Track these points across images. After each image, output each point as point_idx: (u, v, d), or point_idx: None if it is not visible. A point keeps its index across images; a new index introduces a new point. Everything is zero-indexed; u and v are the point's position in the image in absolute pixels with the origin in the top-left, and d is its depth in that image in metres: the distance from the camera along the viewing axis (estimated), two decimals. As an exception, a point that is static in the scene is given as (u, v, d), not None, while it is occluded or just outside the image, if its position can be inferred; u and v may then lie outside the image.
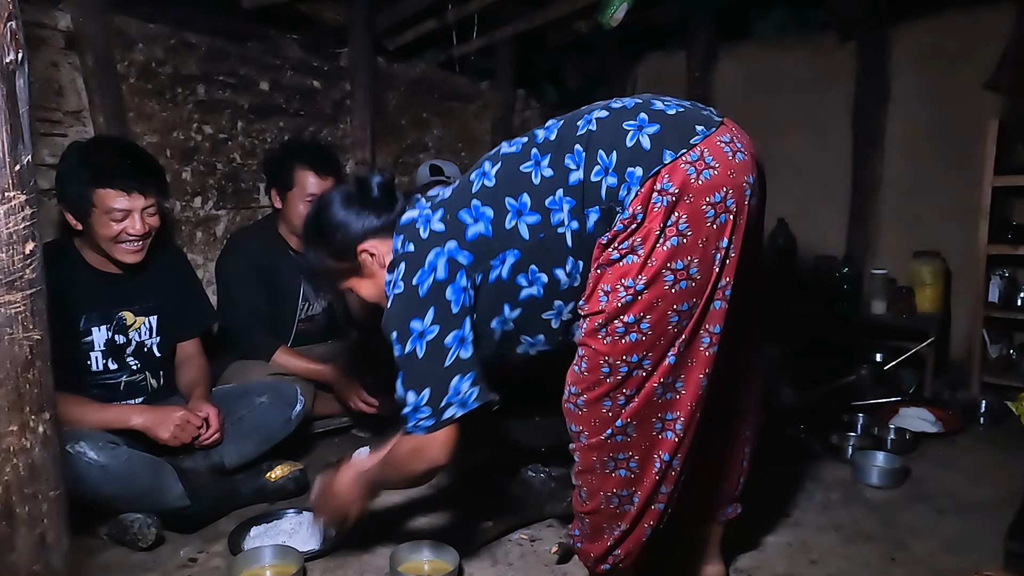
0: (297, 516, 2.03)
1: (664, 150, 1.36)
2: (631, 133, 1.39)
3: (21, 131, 1.10)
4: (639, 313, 1.36)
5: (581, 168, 1.42)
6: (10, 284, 1.11)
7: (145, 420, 2.01)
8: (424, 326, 1.46)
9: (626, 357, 1.39)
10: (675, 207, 1.33)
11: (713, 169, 1.34)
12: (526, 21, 3.48)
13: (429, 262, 1.48)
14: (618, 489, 1.48)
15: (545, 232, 1.45)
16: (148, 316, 2.21)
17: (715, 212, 1.34)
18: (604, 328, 1.39)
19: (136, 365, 2.19)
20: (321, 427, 2.78)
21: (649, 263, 1.35)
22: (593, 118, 1.46)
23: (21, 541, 1.16)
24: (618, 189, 1.38)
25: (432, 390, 1.47)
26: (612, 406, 1.43)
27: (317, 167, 2.66)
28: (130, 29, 2.58)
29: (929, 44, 3.49)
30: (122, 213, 2.00)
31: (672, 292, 1.35)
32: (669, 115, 1.42)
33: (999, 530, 1.93)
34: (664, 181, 1.34)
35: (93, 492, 1.84)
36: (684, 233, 1.34)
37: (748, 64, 4.07)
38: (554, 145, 1.47)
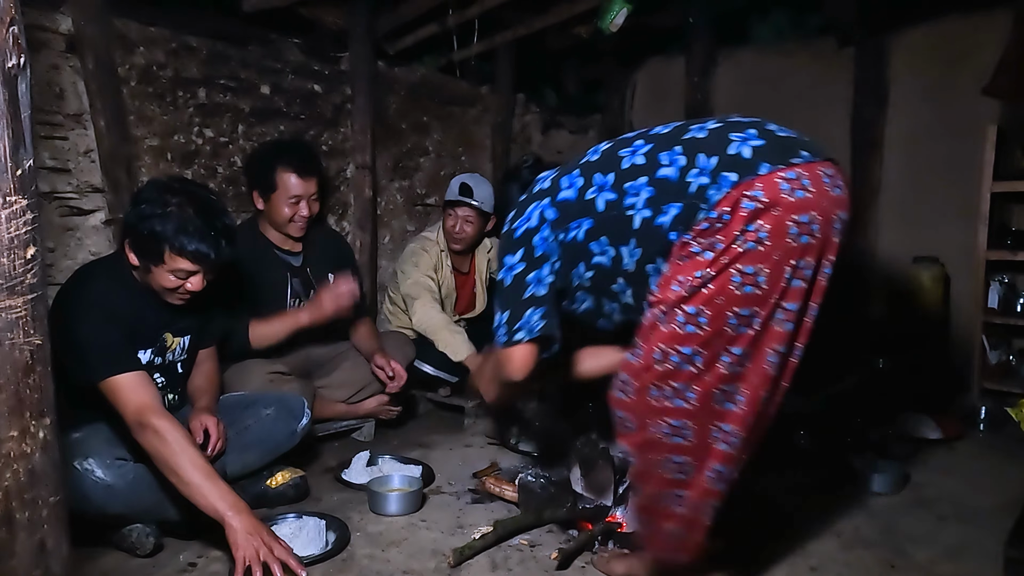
0: (297, 520, 2.03)
1: (762, 162, 1.42)
2: (735, 143, 1.46)
3: (23, 135, 1.10)
4: (699, 305, 1.41)
5: (675, 167, 1.49)
6: (11, 289, 1.10)
7: None
8: (513, 262, 1.67)
9: (678, 347, 1.43)
10: (760, 215, 1.38)
11: (807, 192, 1.39)
12: (526, 26, 3.49)
13: (527, 212, 1.68)
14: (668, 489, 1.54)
15: (617, 211, 1.55)
16: (183, 336, 2.17)
17: (798, 231, 1.39)
18: (665, 315, 1.45)
19: (162, 382, 2.15)
20: (322, 431, 2.78)
21: (721, 259, 1.40)
22: (707, 127, 1.53)
23: (21, 547, 1.16)
24: (708, 188, 1.44)
25: (511, 314, 1.66)
26: (659, 396, 1.47)
27: (299, 169, 2.67)
28: (131, 32, 2.59)
29: (927, 50, 3.49)
30: (187, 274, 1.94)
31: (736, 293, 1.40)
32: (778, 136, 1.48)
33: (999, 537, 1.93)
34: (756, 189, 1.39)
35: (98, 510, 1.83)
36: (762, 241, 1.38)
37: (747, 69, 4.08)
38: (660, 140, 1.56)
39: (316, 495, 2.32)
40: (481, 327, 3.31)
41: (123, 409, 1.83)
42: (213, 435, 2.05)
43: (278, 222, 2.70)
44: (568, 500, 2.17)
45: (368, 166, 3.36)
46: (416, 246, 3.14)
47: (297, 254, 2.81)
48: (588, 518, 2.10)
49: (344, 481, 2.41)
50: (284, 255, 2.78)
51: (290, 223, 2.70)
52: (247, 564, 1.66)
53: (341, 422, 2.85)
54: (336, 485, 2.40)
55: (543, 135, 4.37)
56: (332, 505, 2.25)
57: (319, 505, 2.25)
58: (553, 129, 4.43)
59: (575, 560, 1.92)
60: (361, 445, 2.77)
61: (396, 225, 3.66)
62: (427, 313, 2.96)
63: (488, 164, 4.04)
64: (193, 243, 1.89)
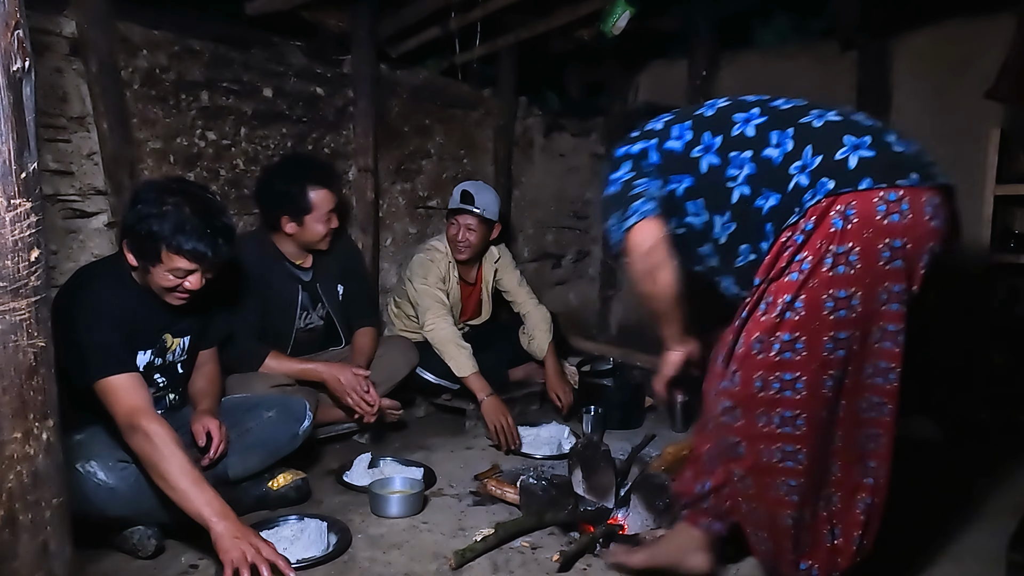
0: (298, 522, 2.03)
1: (865, 177, 1.37)
2: (845, 148, 1.41)
3: (27, 139, 1.10)
4: (793, 332, 1.39)
5: (781, 151, 1.47)
6: (15, 291, 1.11)
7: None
8: (620, 174, 1.70)
9: (779, 374, 1.42)
10: (849, 236, 1.35)
11: (904, 216, 1.36)
12: (528, 29, 3.49)
13: (634, 145, 1.72)
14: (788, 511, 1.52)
15: (718, 178, 1.54)
16: (183, 337, 2.18)
17: (891, 255, 1.36)
18: (760, 343, 1.43)
19: (163, 383, 2.16)
20: (323, 434, 2.78)
21: (811, 283, 1.37)
22: (826, 117, 1.49)
23: (24, 548, 1.16)
24: (805, 191, 1.41)
25: (621, 212, 1.67)
26: (768, 423, 1.46)
27: (329, 184, 2.69)
28: (134, 35, 2.59)
29: (930, 53, 3.49)
30: (185, 273, 1.95)
31: (831, 319, 1.37)
32: (892, 150, 1.43)
33: (1001, 540, 1.93)
34: (849, 206, 1.36)
35: (99, 513, 1.84)
36: (853, 264, 1.36)
37: (749, 73, 4.07)
38: (775, 116, 1.53)
39: (317, 497, 2.32)
40: (485, 332, 3.32)
41: (115, 411, 1.84)
42: (215, 438, 2.06)
43: (311, 241, 2.69)
44: (570, 502, 2.17)
45: (370, 169, 3.36)
46: (424, 257, 3.11)
47: (308, 269, 2.80)
48: (589, 520, 2.11)
49: (345, 483, 2.41)
50: (295, 269, 2.77)
51: (322, 239, 2.70)
52: (235, 567, 1.66)
53: (343, 424, 2.85)
54: (337, 487, 2.41)
55: (545, 138, 4.38)
56: (333, 507, 2.26)
57: (321, 507, 2.26)
58: (555, 132, 4.43)
59: (576, 562, 1.92)
60: (362, 447, 2.77)
61: (398, 228, 3.67)
62: (438, 325, 2.95)
63: (490, 167, 4.05)
64: (190, 242, 1.89)
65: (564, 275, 4.66)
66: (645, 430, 3.00)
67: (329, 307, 2.86)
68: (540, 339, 3.24)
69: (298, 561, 1.87)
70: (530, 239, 4.36)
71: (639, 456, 2.62)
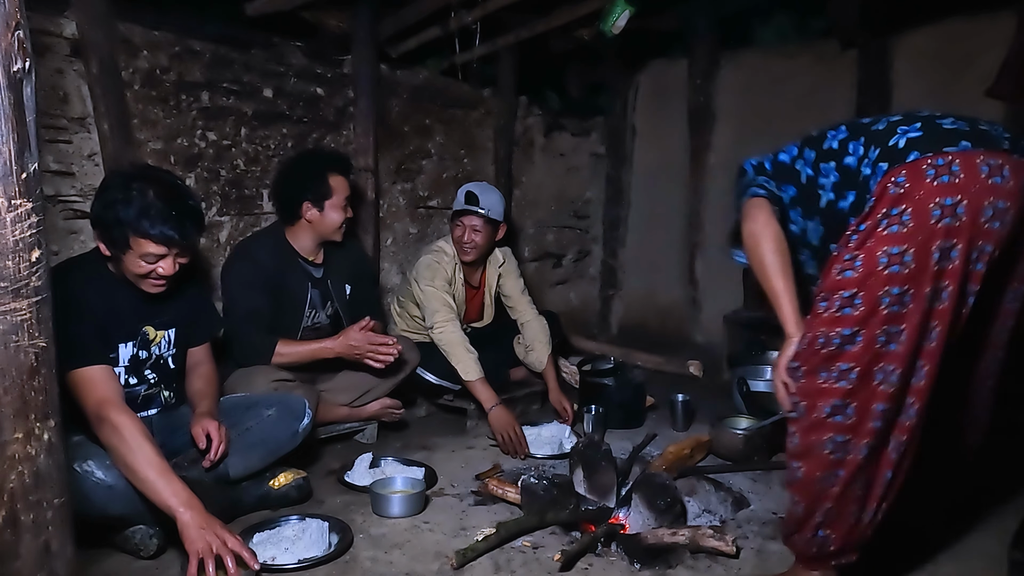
0: (300, 522, 2.03)
1: (912, 151, 1.51)
2: (896, 135, 1.57)
3: (28, 139, 1.10)
4: (853, 288, 1.51)
5: (855, 156, 1.65)
6: (16, 292, 1.11)
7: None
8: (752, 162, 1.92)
9: (839, 329, 1.52)
10: (902, 199, 1.48)
11: (955, 177, 1.46)
12: (528, 29, 3.49)
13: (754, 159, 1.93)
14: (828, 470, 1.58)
15: (811, 188, 1.74)
16: (168, 329, 2.19)
17: (941, 213, 1.45)
18: (824, 301, 1.56)
19: (154, 378, 2.17)
20: (324, 433, 2.78)
21: (867, 242, 1.50)
22: (890, 119, 1.66)
23: (25, 549, 1.16)
24: (870, 178, 1.58)
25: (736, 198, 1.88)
26: (828, 378, 1.55)
27: (346, 171, 2.76)
28: (135, 36, 2.60)
29: (931, 52, 3.49)
30: (156, 257, 1.97)
31: (884, 274, 1.48)
32: (943, 128, 1.55)
33: (1003, 539, 1.93)
34: (900, 175, 1.49)
35: (99, 512, 1.84)
36: (905, 224, 1.46)
37: (750, 72, 4.08)
38: (855, 129, 1.70)
39: (319, 497, 2.33)
40: (487, 334, 3.31)
41: (84, 402, 1.85)
42: (215, 440, 2.06)
43: (329, 230, 2.70)
44: (571, 502, 2.17)
45: (371, 169, 3.37)
46: (431, 259, 3.09)
47: (319, 265, 2.81)
48: (591, 520, 2.11)
49: (347, 483, 2.41)
50: (308, 265, 2.78)
51: (339, 228, 2.72)
52: (200, 557, 1.68)
53: (344, 424, 2.85)
54: (339, 487, 2.41)
55: (546, 138, 4.38)
56: (335, 507, 2.26)
57: (322, 507, 2.26)
58: (556, 132, 4.43)
59: (578, 562, 1.92)
60: (364, 447, 2.77)
61: (399, 228, 3.67)
62: (447, 329, 2.94)
63: (490, 167, 4.05)
64: (156, 226, 1.91)
65: (565, 275, 4.66)
66: (646, 429, 3.00)
67: (338, 305, 2.86)
68: (539, 351, 3.22)
69: (300, 561, 1.88)
70: (530, 239, 4.36)
71: (640, 455, 2.63)
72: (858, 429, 1.54)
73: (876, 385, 1.52)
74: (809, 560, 1.70)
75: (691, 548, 1.95)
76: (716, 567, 1.91)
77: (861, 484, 1.59)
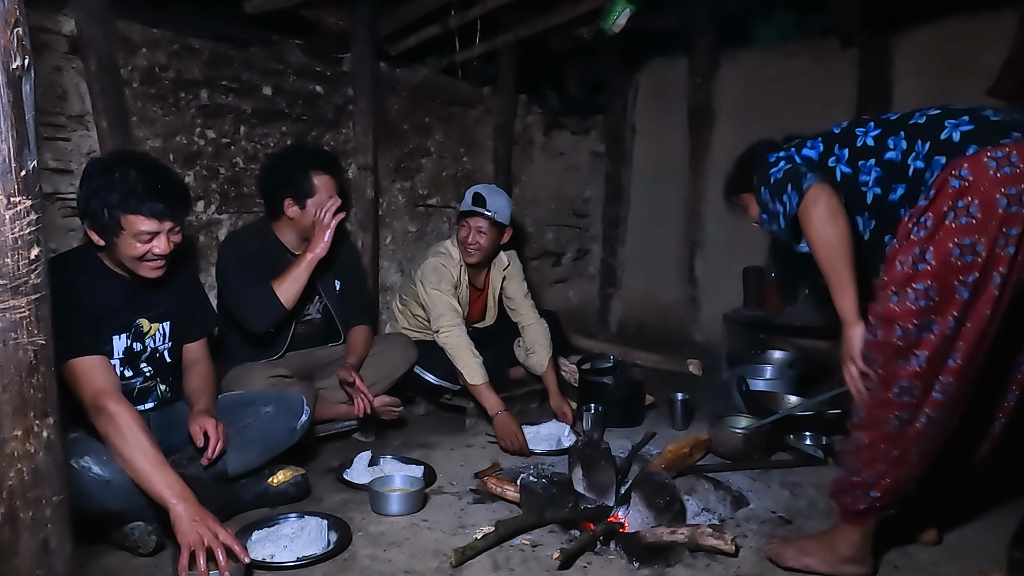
0: (299, 520, 2.03)
1: (971, 144, 1.56)
2: (947, 129, 1.62)
3: (27, 137, 1.10)
4: (927, 281, 1.57)
5: (898, 151, 1.68)
6: (15, 289, 1.11)
7: None
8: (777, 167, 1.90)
9: (916, 321, 1.59)
10: (967, 192, 1.52)
11: (1016, 167, 1.51)
12: (528, 27, 3.49)
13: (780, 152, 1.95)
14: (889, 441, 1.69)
15: (853, 185, 1.78)
16: (162, 322, 2.19)
17: (1008, 202, 1.50)
18: (897, 294, 1.61)
19: (149, 372, 2.18)
20: (323, 431, 2.78)
21: (937, 236, 1.55)
22: (928, 113, 1.70)
23: (24, 546, 1.16)
24: (924, 171, 1.62)
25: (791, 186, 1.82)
26: (905, 365, 1.62)
27: (332, 171, 2.72)
28: (133, 34, 2.59)
29: (931, 51, 3.49)
30: (150, 235, 1.97)
31: (958, 264, 1.54)
32: (990, 120, 1.61)
33: (1002, 538, 1.93)
34: (962, 168, 1.54)
35: (97, 507, 1.84)
36: (974, 215, 1.52)
37: (750, 70, 4.08)
38: (889, 125, 1.75)
39: (318, 495, 2.33)
40: (488, 334, 3.31)
41: (81, 392, 1.86)
42: (212, 438, 2.06)
43: (309, 225, 2.70)
44: (570, 500, 2.17)
45: (370, 167, 3.36)
46: (437, 261, 3.08)
47: None
48: (590, 518, 2.11)
49: (346, 481, 2.41)
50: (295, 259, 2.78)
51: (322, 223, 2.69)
52: (191, 550, 1.70)
53: (343, 422, 2.85)
54: (338, 485, 2.41)
55: (545, 136, 4.38)
56: (334, 505, 2.26)
57: (321, 505, 2.26)
58: (555, 130, 4.43)
59: (577, 560, 1.92)
60: (363, 445, 2.77)
61: (398, 226, 3.67)
62: (454, 333, 2.94)
63: (490, 165, 4.05)
64: (144, 202, 1.93)
65: (564, 273, 4.66)
66: (645, 428, 3.00)
67: (327, 300, 2.86)
68: (540, 355, 3.21)
69: (298, 559, 1.88)
70: (530, 237, 4.36)
71: (639, 454, 2.63)
72: (921, 404, 1.64)
73: (944, 365, 1.61)
74: (854, 515, 1.80)
75: (690, 547, 1.95)
76: (715, 565, 1.91)
77: (916, 451, 1.69)
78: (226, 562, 1.71)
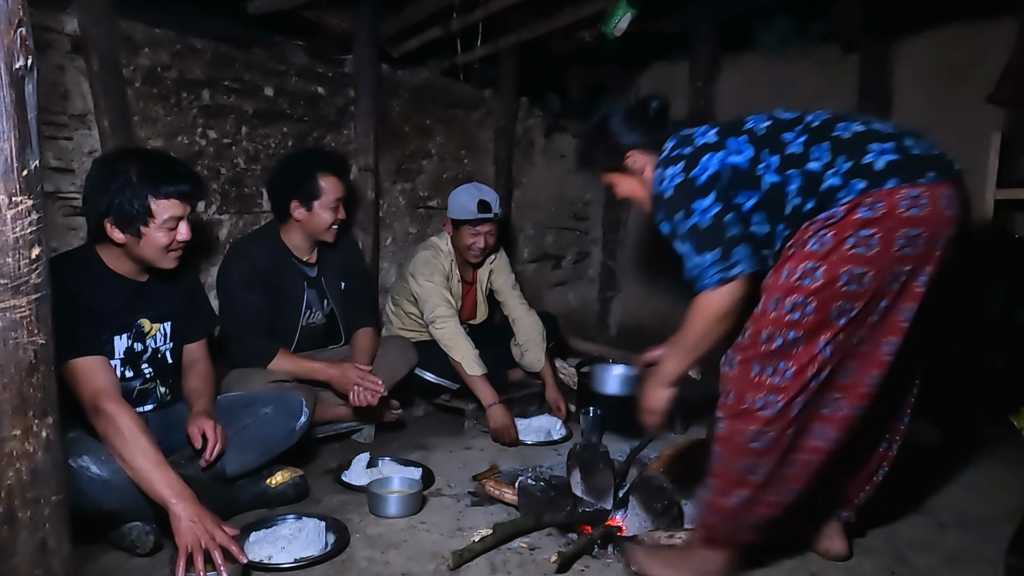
0: (297, 522, 2.03)
1: (892, 178, 1.57)
2: (872, 153, 1.61)
3: (29, 136, 1.10)
4: (807, 296, 1.57)
5: (820, 162, 1.65)
6: (16, 289, 1.11)
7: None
8: (706, 205, 1.74)
9: (786, 332, 1.59)
10: (874, 224, 1.54)
11: (922, 210, 1.54)
12: (530, 30, 3.49)
13: (703, 162, 1.77)
14: (749, 459, 1.66)
15: (778, 193, 1.71)
16: (163, 323, 2.19)
17: (904, 242, 1.54)
18: (774, 301, 1.61)
19: (150, 373, 2.17)
20: (322, 433, 2.79)
21: (832, 257, 1.56)
22: (852, 127, 1.68)
23: (22, 545, 1.16)
24: (839, 190, 1.60)
25: (721, 251, 1.73)
26: (761, 372, 1.62)
27: (340, 173, 2.73)
28: (136, 34, 2.59)
29: (932, 57, 3.49)
30: (175, 221, 2.01)
31: (842, 290, 1.55)
32: (912, 153, 1.62)
33: (999, 545, 1.93)
34: (878, 200, 1.55)
35: (95, 507, 1.84)
36: (872, 247, 1.54)
37: (751, 75, 4.08)
38: (814, 131, 1.71)
39: (316, 496, 2.33)
40: (484, 333, 3.31)
41: (80, 393, 1.86)
42: (211, 439, 2.06)
43: (318, 230, 2.70)
44: (568, 503, 2.17)
45: (371, 168, 3.37)
46: (428, 254, 3.09)
47: (313, 265, 2.82)
48: (588, 521, 2.11)
49: (344, 483, 2.41)
50: (302, 265, 2.79)
51: (329, 229, 2.72)
52: (189, 551, 1.70)
53: (342, 424, 2.85)
54: (336, 487, 2.41)
55: (546, 139, 4.38)
56: (332, 507, 2.26)
57: (319, 506, 2.26)
58: (556, 133, 4.43)
59: (574, 563, 1.92)
60: (361, 447, 2.77)
61: (398, 228, 3.67)
62: (448, 325, 2.95)
63: (491, 168, 4.05)
64: (172, 183, 1.98)
65: (564, 276, 4.66)
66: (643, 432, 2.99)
67: (333, 304, 2.87)
68: (534, 351, 3.22)
69: (296, 560, 1.88)
70: (530, 240, 4.36)
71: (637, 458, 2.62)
72: (781, 421, 1.62)
73: (808, 383, 1.60)
74: (711, 541, 1.79)
75: (688, 551, 1.94)
76: (712, 570, 1.91)
77: (777, 473, 1.67)
78: (224, 564, 1.70)
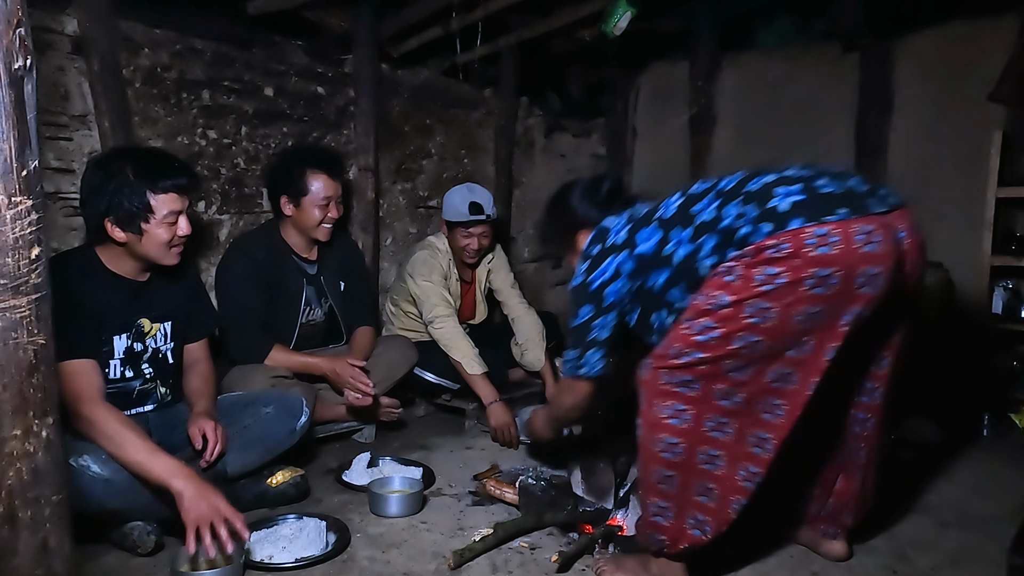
0: (297, 521, 2.03)
1: (796, 217, 1.55)
2: (778, 197, 1.60)
3: (28, 137, 1.10)
4: (715, 322, 1.59)
5: (730, 217, 1.65)
6: (16, 289, 1.11)
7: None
8: (586, 312, 1.90)
9: (693, 351, 1.61)
10: (781, 263, 1.53)
11: (832, 248, 1.51)
12: (530, 29, 3.49)
13: (603, 266, 1.86)
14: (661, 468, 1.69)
15: (694, 262, 1.72)
16: (163, 322, 2.19)
17: (814, 283, 1.52)
18: (688, 321, 1.64)
19: (150, 373, 2.17)
20: (322, 432, 2.78)
21: (741, 291, 1.56)
22: (763, 180, 1.68)
23: (23, 545, 1.16)
24: (749, 235, 1.60)
25: (579, 352, 1.96)
26: (668, 382, 1.65)
27: (329, 170, 2.72)
28: (136, 34, 2.60)
29: (933, 55, 3.49)
30: (175, 215, 2.02)
31: (744, 322, 1.56)
32: (820, 193, 1.60)
33: (1002, 544, 1.93)
34: (784, 241, 1.54)
35: (96, 506, 1.84)
36: (779, 285, 1.53)
37: (751, 74, 4.08)
38: (726, 194, 1.71)
39: (317, 496, 2.33)
40: (484, 333, 3.31)
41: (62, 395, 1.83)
42: (211, 440, 2.06)
43: (308, 226, 2.71)
44: (569, 503, 2.17)
45: (371, 168, 3.37)
46: (426, 254, 3.09)
47: (313, 262, 2.83)
48: (589, 521, 2.11)
49: (345, 482, 2.41)
50: (301, 262, 2.79)
51: (319, 226, 2.72)
52: (196, 526, 1.74)
53: (342, 423, 2.85)
54: (337, 486, 2.41)
55: (546, 138, 4.38)
56: (333, 506, 2.26)
57: (320, 506, 2.26)
58: (556, 132, 4.43)
59: (575, 563, 1.92)
60: (362, 447, 2.77)
61: (398, 227, 3.67)
62: (447, 324, 2.96)
63: (491, 167, 4.05)
64: (169, 177, 2.00)
65: (564, 276, 4.65)
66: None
67: (332, 302, 2.87)
68: (534, 350, 3.22)
69: (297, 560, 1.88)
70: (530, 240, 4.36)
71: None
72: (691, 436, 1.65)
73: (715, 402, 1.63)
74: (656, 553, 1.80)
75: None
76: (714, 569, 1.91)
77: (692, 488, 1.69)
78: (228, 538, 1.74)
